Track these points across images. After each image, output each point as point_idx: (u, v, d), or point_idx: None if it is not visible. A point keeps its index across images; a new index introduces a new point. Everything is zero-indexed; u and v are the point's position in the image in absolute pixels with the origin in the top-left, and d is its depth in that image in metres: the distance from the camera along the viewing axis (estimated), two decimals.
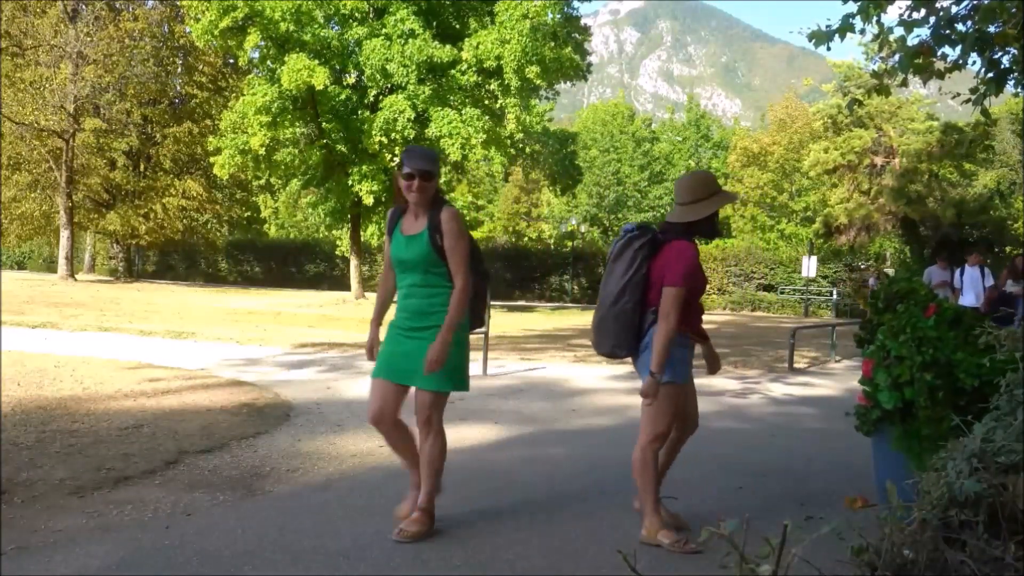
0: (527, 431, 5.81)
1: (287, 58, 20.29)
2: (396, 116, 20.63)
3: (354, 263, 24.74)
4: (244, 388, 7.00)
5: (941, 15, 5.98)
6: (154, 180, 33.11)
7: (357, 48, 21.62)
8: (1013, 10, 5.51)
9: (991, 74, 5.93)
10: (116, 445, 4.72)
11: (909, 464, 3.33)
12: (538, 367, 9.65)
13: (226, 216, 36.50)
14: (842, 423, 4.47)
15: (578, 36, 24.39)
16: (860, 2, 5.81)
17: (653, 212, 50.64)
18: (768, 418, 6.80)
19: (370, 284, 31.88)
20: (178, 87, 33.58)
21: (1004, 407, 2.24)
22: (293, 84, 19.81)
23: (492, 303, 9.57)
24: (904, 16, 6.13)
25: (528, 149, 26.49)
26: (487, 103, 22.54)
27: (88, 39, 29.07)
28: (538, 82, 21.99)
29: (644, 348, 3.42)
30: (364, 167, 21.54)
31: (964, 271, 10.68)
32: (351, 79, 22.56)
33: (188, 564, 3.00)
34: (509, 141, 22.97)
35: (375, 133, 20.76)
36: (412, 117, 20.73)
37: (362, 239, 25.38)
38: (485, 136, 20.99)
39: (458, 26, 22.50)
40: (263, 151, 21.40)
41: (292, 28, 20.33)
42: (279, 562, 3.04)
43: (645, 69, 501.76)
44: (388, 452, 4.95)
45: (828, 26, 5.94)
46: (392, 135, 20.83)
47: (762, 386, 8.75)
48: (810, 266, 28.16)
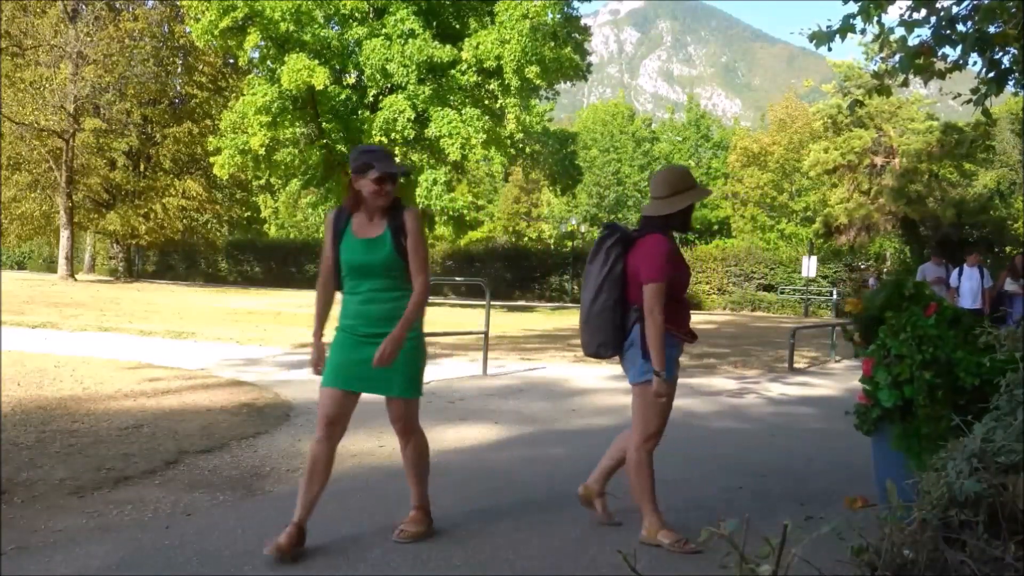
0: (527, 431, 5.81)
1: (287, 58, 20.30)
2: (396, 116, 20.64)
3: None
4: (244, 388, 7.00)
5: (942, 15, 5.99)
6: (154, 180, 33.13)
7: (357, 48, 21.63)
8: (1013, 10, 5.51)
9: (992, 74, 5.93)
10: (116, 445, 4.72)
11: (909, 464, 3.33)
12: (538, 367, 9.65)
13: (226, 216, 36.52)
14: (842, 423, 4.47)
15: (578, 36, 24.39)
16: (861, 2, 5.81)
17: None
18: (768, 418, 6.80)
19: None
20: (178, 87, 33.60)
21: (1004, 407, 2.24)
22: (293, 84, 19.82)
23: (492, 303, 9.57)
24: (904, 16, 6.14)
25: (528, 149, 26.49)
26: (487, 103, 22.54)
27: (88, 39, 29.08)
28: (538, 82, 22.00)
29: (629, 346, 3.42)
30: None
31: (963, 271, 10.67)
32: (351, 79, 22.58)
33: (188, 564, 2.99)
34: (509, 141, 22.98)
35: (375, 133, 20.76)
36: (412, 117, 20.74)
37: None
38: (485, 136, 20.99)
39: (458, 26, 22.51)
40: (263, 151, 21.41)
41: (292, 28, 20.34)
42: (279, 562, 3.03)
43: (645, 69, 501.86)
44: (388, 452, 4.96)
45: (829, 27, 5.95)
46: (392, 135, 20.83)
47: (762, 386, 8.75)
48: (810, 266, 28.16)
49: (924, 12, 6.05)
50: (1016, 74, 5.95)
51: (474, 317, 16.93)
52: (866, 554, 1.78)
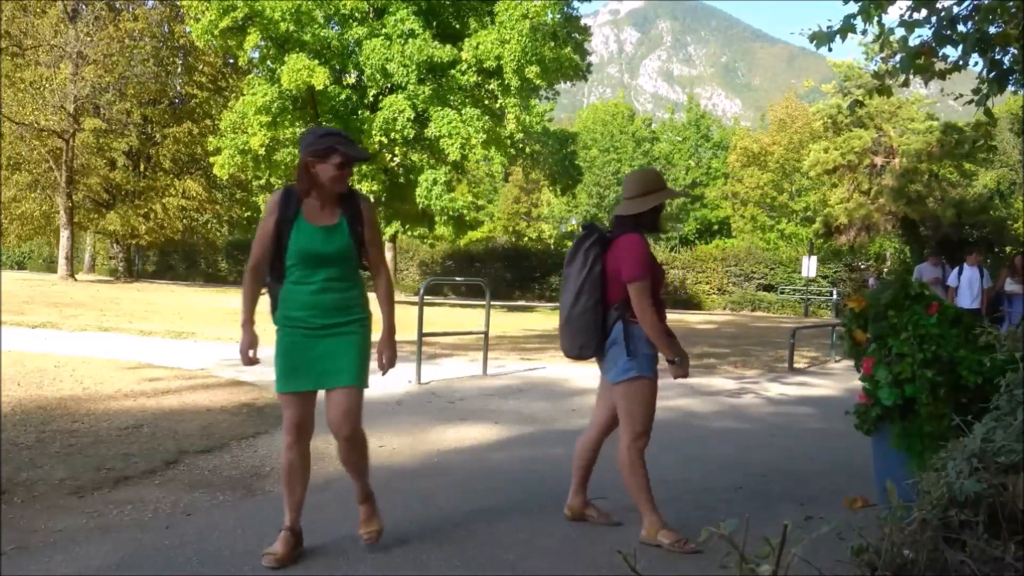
0: (527, 431, 5.81)
1: (287, 58, 20.30)
2: (396, 116, 20.64)
3: None
4: (244, 388, 7.00)
5: (942, 15, 5.99)
6: (154, 180, 33.12)
7: (357, 48, 21.62)
8: (1014, 10, 5.51)
9: (993, 74, 5.93)
10: (116, 445, 4.72)
11: (909, 464, 3.33)
12: (538, 367, 9.65)
13: (226, 216, 36.48)
14: (842, 423, 4.47)
15: (578, 36, 24.39)
16: (861, 3, 5.82)
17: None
18: (768, 418, 6.80)
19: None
20: (178, 87, 33.59)
21: (1004, 407, 2.24)
22: (293, 84, 19.82)
23: (492, 303, 9.57)
24: (905, 16, 6.14)
25: (528, 149, 26.48)
26: (487, 103, 22.54)
27: (88, 39, 29.07)
28: (538, 82, 22.00)
29: (611, 345, 3.45)
30: (364, 167, 21.53)
31: (962, 271, 10.66)
32: (351, 79, 22.57)
33: (188, 564, 2.99)
34: (509, 141, 22.97)
35: (375, 133, 20.76)
36: (412, 117, 20.74)
37: None
38: (485, 136, 20.99)
39: (458, 26, 22.51)
40: (263, 151, 21.41)
41: (292, 28, 20.34)
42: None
43: (645, 69, 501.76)
44: (388, 452, 4.96)
45: (829, 27, 5.95)
46: (392, 135, 20.83)
47: (762, 386, 8.75)
48: (810, 266, 28.17)
49: (924, 12, 6.05)
50: (1017, 74, 5.95)
51: (474, 317, 16.93)
52: (866, 554, 1.78)
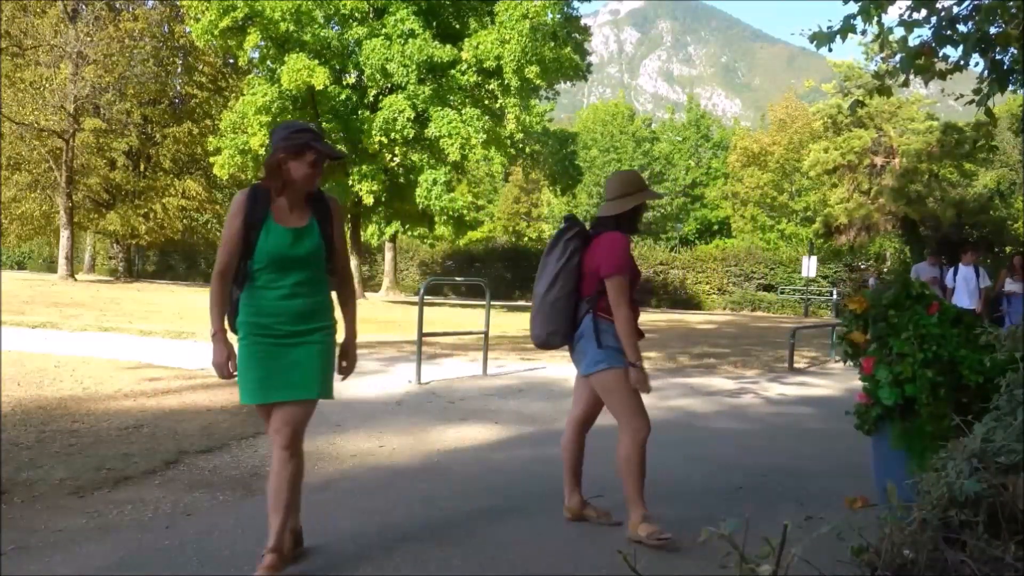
0: (527, 431, 5.81)
1: (287, 58, 20.29)
2: (396, 116, 20.63)
3: (354, 263, 24.72)
4: None
5: (942, 15, 5.99)
6: (154, 180, 33.12)
7: (357, 48, 21.62)
8: (1014, 10, 5.51)
9: (993, 74, 5.93)
10: (116, 445, 4.72)
11: (909, 464, 3.33)
12: (538, 367, 9.65)
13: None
14: (842, 423, 4.47)
15: (578, 36, 24.39)
16: (861, 3, 5.81)
17: (652, 211, 50.64)
18: (768, 418, 6.80)
19: (370, 284, 31.91)
20: (178, 87, 33.58)
21: (1004, 407, 2.24)
22: (293, 84, 19.81)
23: (492, 303, 9.57)
24: (905, 16, 6.14)
25: (528, 149, 26.47)
26: (487, 103, 22.53)
27: (88, 39, 29.06)
28: (538, 82, 21.99)
29: (579, 337, 3.48)
30: (364, 167, 21.54)
31: (958, 270, 10.63)
32: (351, 79, 22.56)
33: (188, 564, 3.00)
34: (509, 141, 22.96)
35: (375, 133, 20.75)
36: (412, 117, 20.73)
37: (362, 239, 25.39)
38: (485, 136, 20.98)
39: (458, 26, 22.50)
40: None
41: (292, 28, 20.33)
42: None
43: (645, 69, 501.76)
44: (388, 452, 4.97)
45: (829, 27, 5.95)
46: (392, 135, 20.83)
47: (762, 386, 8.75)
48: (810, 266, 28.18)
49: (924, 12, 6.05)
50: (1017, 74, 5.96)
51: (474, 317, 16.93)
52: (866, 554, 1.78)
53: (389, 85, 21.52)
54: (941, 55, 6.19)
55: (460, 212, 22.35)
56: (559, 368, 9.67)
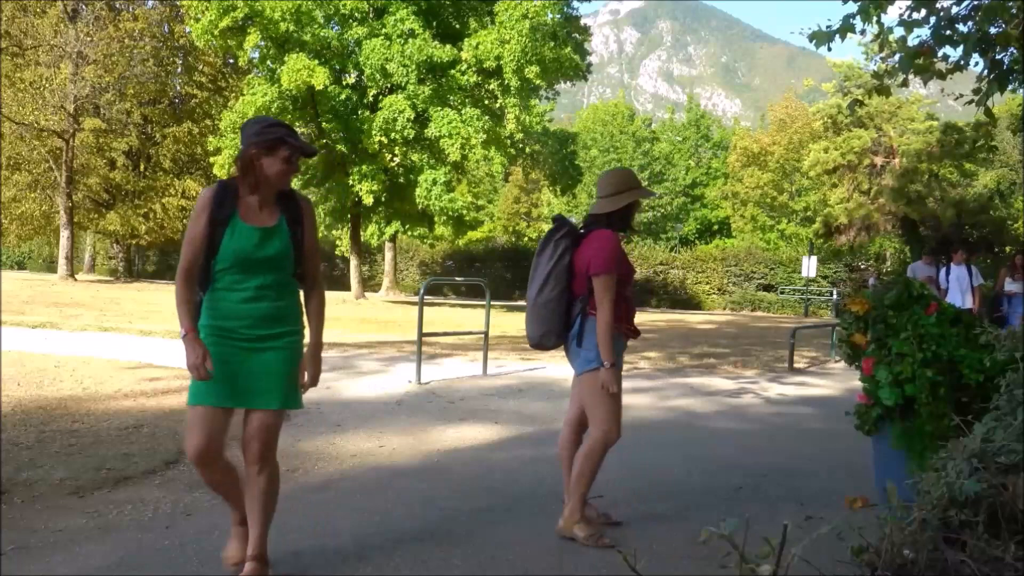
0: (527, 431, 5.81)
1: (287, 58, 20.30)
2: (396, 116, 20.64)
3: (354, 263, 24.76)
4: None
5: (941, 15, 5.99)
6: (154, 180, 33.13)
7: (357, 48, 21.63)
8: (1014, 10, 5.51)
9: (993, 74, 5.93)
10: (116, 445, 4.72)
11: (909, 464, 3.33)
12: (538, 367, 9.65)
13: None
14: (842, 423, 4.47)
15: (578, 36, 24.40)
16: (860, 2, 5.81)
17: (653, 212, 50.66)
18: (768, 418, 6.80)
19: (370, 284, 31.91)
20: (178, 87, 33.60)
21: (1004, 407, 2.24)
22: (293, 84, 19.82)
23: (492, 303, 9.57)
24: (904, 16, 6.14)
25: (528, 149, 26.49)
26: (487, 103, 22.54)
27: (88, 39, 29.07)
28: (538, 82, 22.01)
29: (573, 337, 3.48)
30: (364, 167, 21.55)
31: (950, 270, 10.63)
32: (351, 79, 22.57)
33: (188, 564, 3.00)
34: (509, 141, 22.97)
35: (375, 133, 20.76)
36: (412, 117, 20.74)
37: (362, 239, 25.38)
38: (485, 136, 21.00)
39: (458, 26, 22.51)
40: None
41: (292, 28, 20.33)
42: (279, 562, 3.03)
43: (645, 69, 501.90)
44: (388, 452, 4.97)
45: (829, 26, 5.95)
46: (392, 135, 20.84)
47: (762, 386, 8.75)
48: (810, 266, 28.18)
49: (924, 12, 6.05)
50: (1017, 74, 5.96)
51: (474, 317, 16.94)
52: (866, 554, 1.78)
53: (389, 85, 21.53)
54: (941, 55, 6.19)
55: (460, 212, 22.36)
56: (559, 368, 9.67)
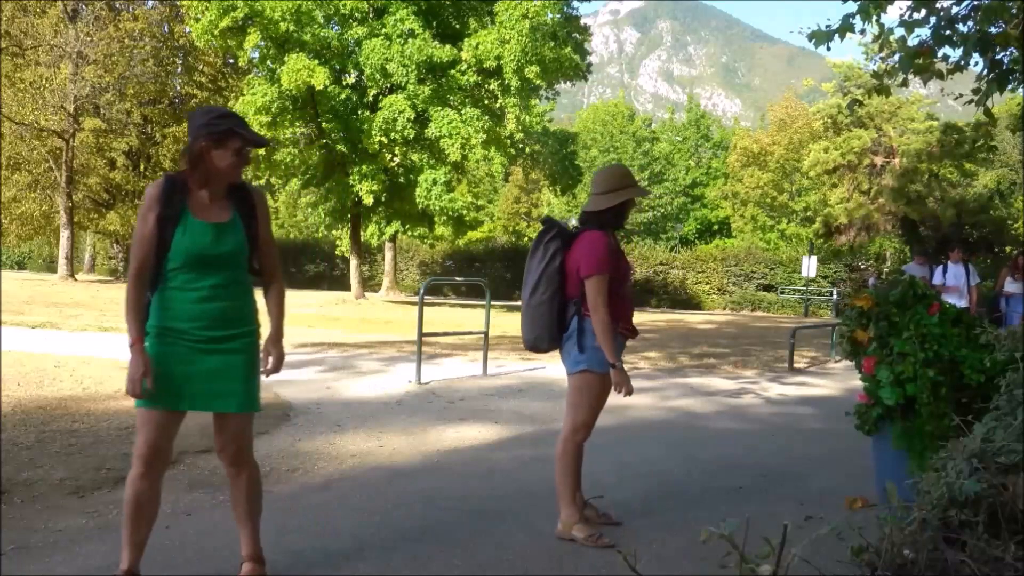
0: (527, 431, 5.81)
1: (287, 58, 20.30)
2: (396, 116, 20.64)
3: (354, 263, 24.76)
4: None
5: (941, 15, 5.99)
6: (154, 180, 33.07)
7: (357, 48, 21.63)
8: (1014, 10, 5.51)
9: (993, 74, 5.93)
10: (116, 445, 4.72)
11: (909, 464, 3.33)
12: (538, 367, 9.65)
13: None
14: (842, 423, 4.47)
15: (578, 36, 24.40)
16: (860, 2, 5.81)
17: (653, 211, 50.66)
18: (768, 418, 6.80)
19: (370, 284, 31.91)
20: (178, 87, 33.60)
21: (1004, 407, 2.24)
22: (293, 84, 19.82)
23: (492, 303, 9.56)
24: (904, 16, 6.14)
25: (528, 149, 26.49)
26: (487, 103, 22.54)
27: (88, 39, 29.08)
28: (538, 82, 22.01)
29: (567, 338, 3.49)
30: (364, 167, 21.54)
31: (947, 268, 10.64)
32: (351, 79, 22.57)
33: (188, 564, 3.00)
34: (509, 141, 22.97)
35: (375, 133, 20.76)
36: (412, 117, 20.74)
37: (362, 239, 25.37)
38: (485, 136, 20.99)
39: (458, 26, 22.51)
40: (263, 151, 21.40)
41: (292, 28, 20.33)
42: (279, 562, 3.03)
43: (645, 69, 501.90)
44: (388, 452, 4.97)
45: (828, 26, 5.95)
46: (392, 135, 20.84)
47: (762, 386, 8.74)
48: (810, 266, 28.17)
49: (924, 12, 6.05)
50: (1017, 74, 5.96)
51: (474, 317, 16.94)
52: (866, 554, 1.78)
53: (389, 85, 21.53)
54: (940, 55, 6.19)
55: (460, 212, 22.37)
56: (559, 368, 9.65)
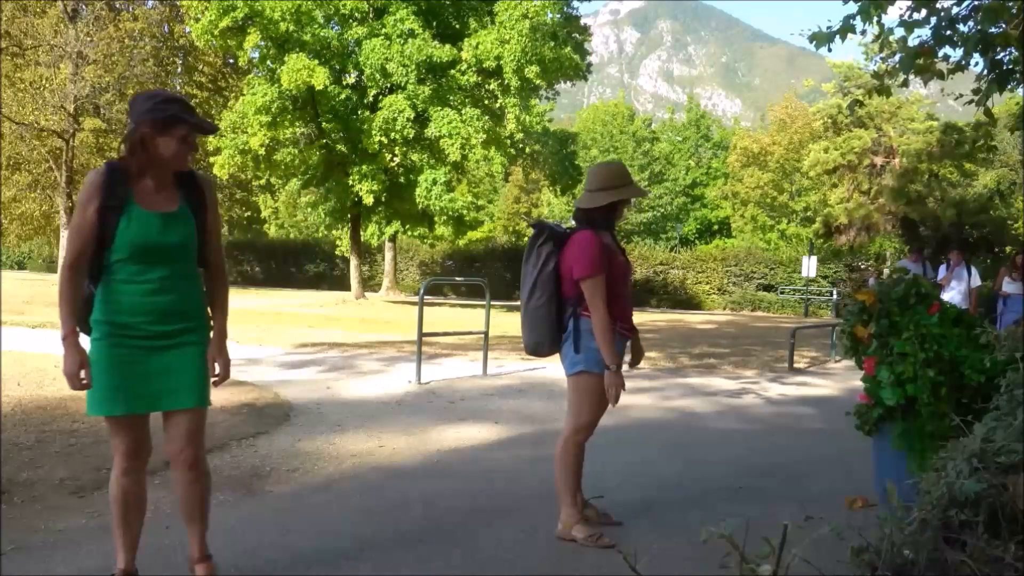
0: (527, 431, 5.81)
1: (287, 58, 20.29)
2: (396, 116, 20.64)
3: (354, 263, 24.76)
4: (244, 388, 6.99)
5: (942, 15, 5.99)
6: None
7: (357, 48, 21.63)
8: (1014, 11, 5.51)
9: (993, 74, 5.94)
10: None
11: (909, 464, 3.33)
12: (538, 367, 9.64)
13: (226, 216, 36.51)
14: (842, 423, 4.47)
15: (578, 36, 24.39)
16: (861, 3, 5.81)
17: (653, 212, 50.66)
18: (768, 418, 6.80)
19: (370, 284, 31.91)
20: (178, 87, 33.57)
21: (1004, 407, 2.24)
22: (293, 84, 19.82)
23: (492, 303, 9.56)
24: (905, 17, 6.14)
25: (528, 149, 26.49)
26: (487, 103, 22.54)
27: (88, 39, 29.07)
28: (538, 82, 22.00)
29: (565, 340, 3.47)
30: (364, 167, 21.55)
31: (951, 267, 10.66)
32: (351, 79, 22.57)
33: (188, 564, 2.99)
34: (509, 141, 22.97)
35: (375, 133, 20.76)
36: (412, 117, 20.74)
37: (362, 239, 25.38)
38: (485, 136, 20.99)
39: (458, 26, 22.51)
40: (263, 151, 21.41)
41: (292, 28, 20.34)
42: (279, 562, 3.03)
43: (645, 69, 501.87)
44: (388, 452, 4.97)
45: (829, 27, 5.95)
46: (392, 135, 20.84)
47: (762, 386, 8.74)
48: (810, 266, 28.16)
49: (924, 12, 6.05)
50: (1017, 74, 5.96)
51: (474, 317, 16.94)
52: (866, 554, 1.78)
53: (389, 85, 21.53)
54: (941, 55, 6.19)
55: (460, 212, 22.37)
56: (559, 368, 9.65)
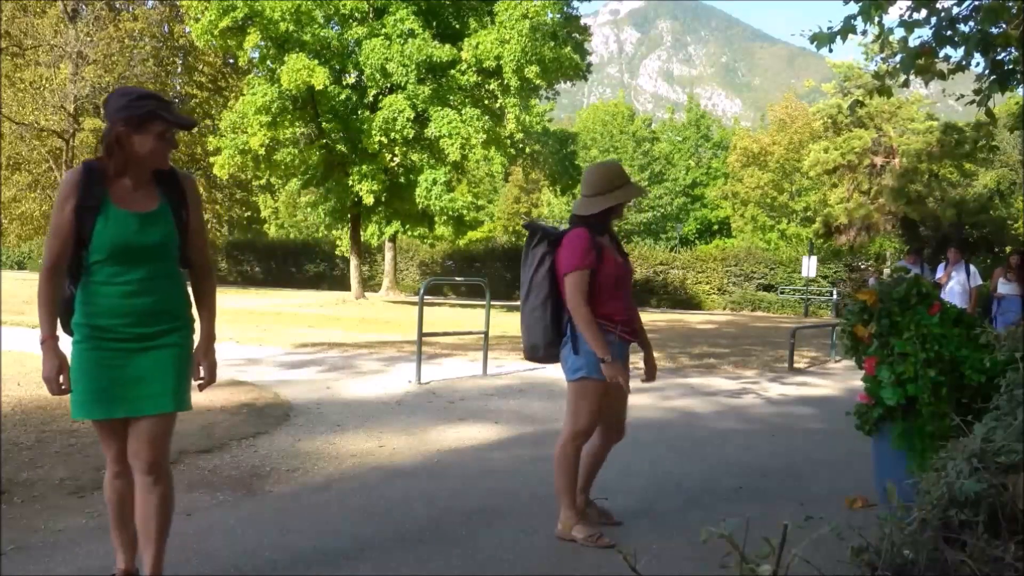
0: (527, 431, 5.81)
1: (287, 58, 20.29)
2: (396, 116, 20.64)
3: (354, 263, 24.76)
4: (244, 388, 6.99)
5: (942, 16, 5.99)
6: None
7: (357, 48, 21.63)
8: (1015, 11, 5.51)
9: (994, 74, 5.94)
10: None
11: (909, 464, 3.33)
12: (538, 367, 9.64)
13: (226, 216, 36.52)
14: (842, 423, 4.47)
15: (578, 36, 24.39)
16: (861, 3, 5.81)
17: (653, 212, 50.65)
18: (768, 418, 6.79)
19: (370, 284, 31.91)
20: (178, 87, 33.60)
21: (1004, 407, 2.24)
22: (293, 84, 19.82)
23: (492, 303, 9.56)
24: (905, 17, 6.14)
25: (528, 149, 26.47)
26: (487, 103, 22.54)
27: (88, 39, 29.09)
28: (538, 82, 22.00)
29: (564, 343, 3.43)
30: (364, 167, 21.55)
31: (948, 265, 10.66)
32: (351, 79, 22.57)
33: (188, 564, 3.00)
34: (509, 141, 22.96)
35: (375, 133, 20.76)
36: (412, 117, 20.74)
37: (362, 239, 25.38)
38: (485, 136, 20.99)
39: (458, 26, 22.51)
40: (263, 151, 21.41)
41: (292, 28, 20.34)
42: (279, 562, 3.03)
43: (645, 69, 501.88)
44: (388, 452, 4.97)
45: (829, 27, 5.95)
46: (392, 135, 20.84)
47: (762, 386, 8.74)
48: (810, 266, 28.15)
49: (924, 12, 6.05)
50: (1018, 74, 5.96)
51: (474, 317, 16.94)
52: (866, 554, 1.78)
53: (389, 85, 21.53)
54: (942, 55, 6.19)
55: (460, 212, 22.36)
56: (559, 368, 9.66)
